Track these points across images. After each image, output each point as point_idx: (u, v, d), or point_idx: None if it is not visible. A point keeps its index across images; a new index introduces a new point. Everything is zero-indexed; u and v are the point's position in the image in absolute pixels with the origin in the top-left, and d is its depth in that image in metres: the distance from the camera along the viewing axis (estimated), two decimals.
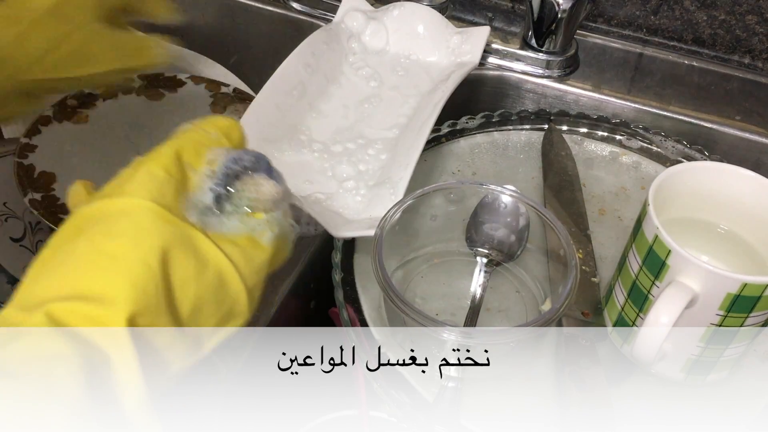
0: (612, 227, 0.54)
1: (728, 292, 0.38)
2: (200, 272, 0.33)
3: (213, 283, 0.33)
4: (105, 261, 0.30)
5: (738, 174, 0.44)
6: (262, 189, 0.36)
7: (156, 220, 0.32)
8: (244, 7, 0.74)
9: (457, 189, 0.50)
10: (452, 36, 0.65)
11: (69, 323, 0.29)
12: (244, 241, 0.35)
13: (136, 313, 0.30)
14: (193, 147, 0.35)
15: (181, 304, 0.32)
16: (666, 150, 0.59)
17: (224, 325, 0.34)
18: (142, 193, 0.32)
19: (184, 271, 0.32)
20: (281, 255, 0.38)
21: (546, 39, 0.65)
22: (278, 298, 0.48)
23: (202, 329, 0.33)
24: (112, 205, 0.32)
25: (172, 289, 0.32)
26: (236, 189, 0.35)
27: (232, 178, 0.35)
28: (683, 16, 0.68)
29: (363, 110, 0.59)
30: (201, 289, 0.33)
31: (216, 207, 0.35)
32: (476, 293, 0.48)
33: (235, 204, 0.35)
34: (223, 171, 0.35)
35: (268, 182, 0.36)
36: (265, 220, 0.36)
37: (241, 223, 0.35)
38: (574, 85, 0.66)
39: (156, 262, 0.31)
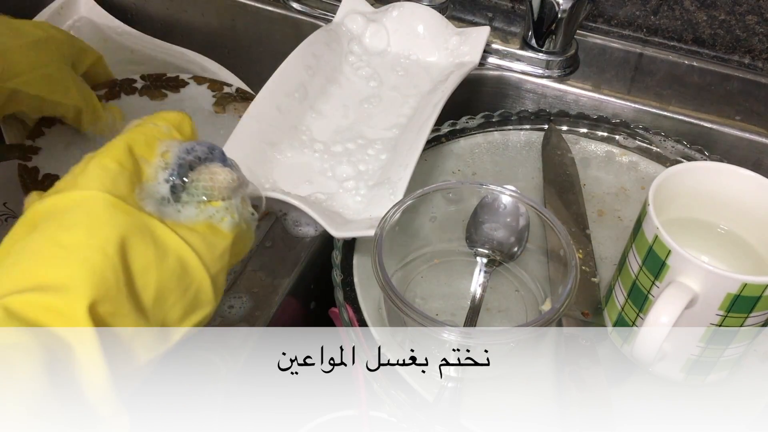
0: (612, 227, 0.54)
1: (728, 292, 0.38)
2: (161, 259, 0.33)
3: (175, 270, 0.33)
4: (61, 252, 0.30)
5: (738, 174, 0.44)
6: (217, 177, 0.37)
7: (111, 209, 0.32)
8: (244, 7, 0.74)
9: (457, 189, 0.50)
10: (452, 36, 0.65)
11: (27, 315, 0.29)
12: (203, 228, 0.35)
13: (97, 301, 0.30)
14: (145, 140, 0.36)
15: (144, 291, 0.32)
16: (666, 150, 0.59)
17: (191, 315, 0.34)
18: (95, 185, 0.32)
19: (144, 258, 0.32)
20: (244, 243, 0.38)
21: (546, 39, 0.65)
22: (278, 298, 0.48)
23: (169, 318, 0.33)
24: (65, 199, 0.32)
25: (133, 277, 0.32)
26: (191, 179, 0.36)
27: (187, 168, 0.36)
28: (683, 16, 0.68)
29: (363, 110, 0.59)
30: (163, 277, 0.33)
31: (172, 197, 0.35)
32: (476, 293, 0.48)
33: (191, 193, 0.36)
34: (176, 162, 0.36)
35: (223, 170, 0.37)
36: (223, 207, 0.37)
37: (199, 211, 0.36)
38: (574, 85, 0.66)
39: (113, 250, 0.31)
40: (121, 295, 0.31)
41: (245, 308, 0.47)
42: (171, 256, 0.33)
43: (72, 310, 0.29)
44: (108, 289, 0.30)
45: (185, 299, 0.34)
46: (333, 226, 0.47)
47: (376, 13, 0.66)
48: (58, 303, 0.29)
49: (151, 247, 0.32)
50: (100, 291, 0.30)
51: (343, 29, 0.64)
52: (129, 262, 0.31)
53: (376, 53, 0.64)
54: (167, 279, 0.33)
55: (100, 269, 0.30)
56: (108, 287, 0.30)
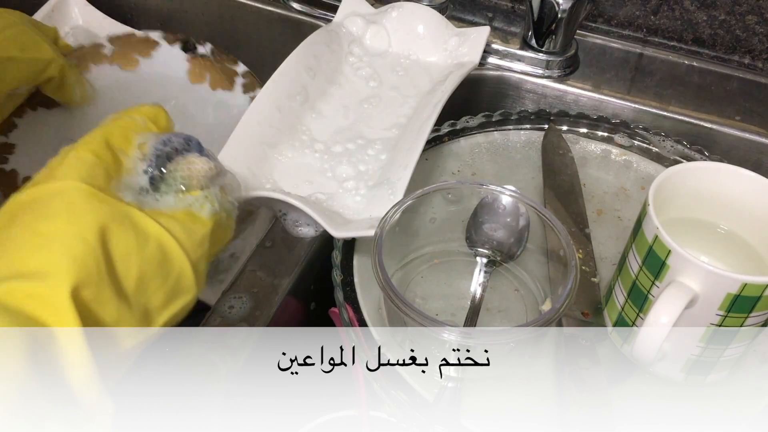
0: (612, 227, 0.54)
1: (728, 292, 0.38)
2: (141, 246, 0.33)
3: (155, 256, 0.34)
4: (42, 240, 0.31)
5: (738, 174, 0.44)
6: (195, 167, 0.37)
7: (89, 198, 0.32)
8: (244, 7, 0.74)
9: (456, 189, 0.50)
10: (452, 36, 0.65)
11: (9, 303, 0.29)
12: (182, 215, 0.36)
13: (79, 286, 0.30)
14: (121, 133, 0.36)
15: (125, 278, 0.32)
16: (666, 150, 0.59)
17: (173, 301, 0.35)
18: (73, 176, 0.33)
19: (125, 245, 0.33)
20: (224, 231, 0.39)
21: (546, 39, 0.65)
22: (278, 298, 0.48)
23: (151, 303, 0.34)
24: (43, 190, 0.33)
25: (114, 264, 0.32)
26: (169, 169, 0.37)
27: (164, 159, 0.37)
28: (683, 16, 0.68)
29: (363, 110, 0.59)
30: (144, 263, 0.33)
31: (151, 188, 0.36)
32: (476, 293, 0.48)
33: (170, 183, 0.37)
34: (154, 153, 0.37)
35: (200, 159, 0.38)
36: (202, 196, 0.38)
37: (178, 200, 0.37)
38: (574, 85, 0.66)
39: (93, 237, 0.31)
40: (102, 281, 0.31)
41: (245, 308, 0.47)
42: (151, 243, 0.34)
43: (54, 295, 0.29)
44: (89, 275, 0.30)
45: (167, 285, 0.34)
46: (333, 226, 0.47)
47: (376, 14, 0.66)
48: (41, 289, 0.29)
49: (131, 234, 0.33)
50: (81, 277, 0.30)
51: (343, 30, 0.64)
52: (110, 249, 0.32)
53: (376, 54, 0.64)
54: (148, 265, 0.33)
55: (81, 256, 0.30)
56: (89, 273, 0.30)
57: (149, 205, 0.36)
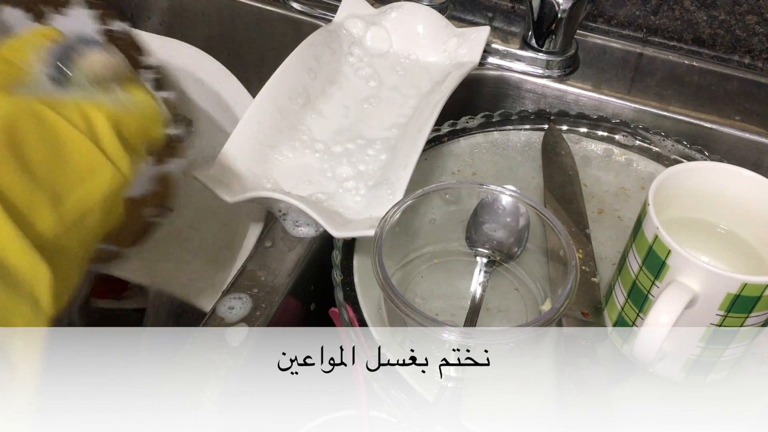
0: (612, 227, 0.54)
1: (728, 292, 0.38)
2: (42, 133, 0.34)
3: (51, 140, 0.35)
4: None
5: (738, 174, 0.44)
6: (94, 60, 0.39)
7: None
8: (244, 7, 0.74)
9: (456, 189, 0.50)
10: (452, 36, 0.65)
11: None
12: (88, 106, 0.37)
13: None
14: (17, 46, 0.38)
15: (32, 162, 0.34)
16: (666, 150, 0.59)
17: (85, 182, 0.36)
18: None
19: (30, 134, 0.34)
20: (147, 120, 0.40)
21: (546, 39, 0.65)
22: (278, 298, 0.48)
23: (59, 184, 0.35)
24: None
25: (23, 151, 0.33)
26: (69, 68, 0.38)
27: (65, 59, 0.38)
28: (683, 16, 0.68)
29: (363, 110, 0.59)
30: (49, 149, 0.34)
31: (55, 87, 0.37)
32: (476, 293, 0.48)
33: (73, 82, 0.38)
34: (52, 55, 0.38)
35: (100, 53, 0.39)
36: (107, 87, 0.39)
37: (85, 93, 0.38)
38: (574, 85, 0.66)
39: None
40: (9, 164, 0.32)
41: (245, 308, 0.46)
42: (47, 128, 0.35)
43: None
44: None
45: (70, 167, 0.35)
46: (333, 226, 0.47)
47: (376, 15, 0.66)
48: None
49: (36, 123, 0.34)
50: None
51: (343, 31, 0.64)
52: (16, 139, 0.33)
53: (376, 54, 0.64)
54: (53, 151, 0.35)
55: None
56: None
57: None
